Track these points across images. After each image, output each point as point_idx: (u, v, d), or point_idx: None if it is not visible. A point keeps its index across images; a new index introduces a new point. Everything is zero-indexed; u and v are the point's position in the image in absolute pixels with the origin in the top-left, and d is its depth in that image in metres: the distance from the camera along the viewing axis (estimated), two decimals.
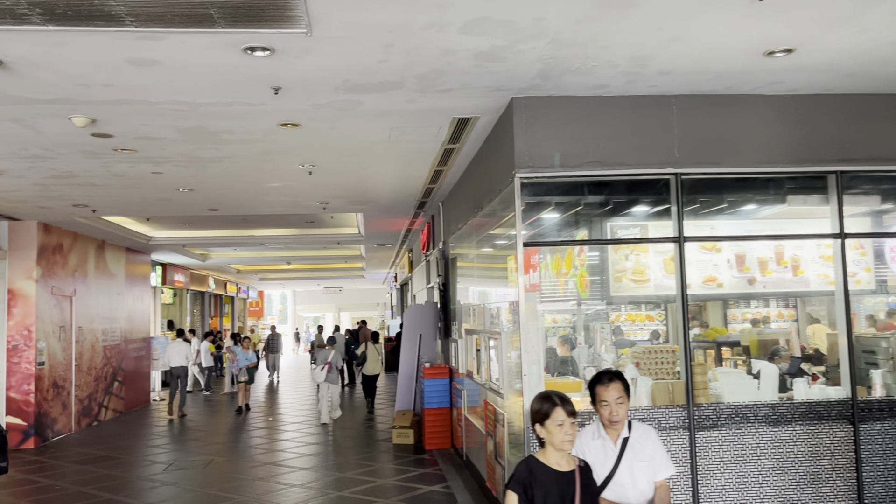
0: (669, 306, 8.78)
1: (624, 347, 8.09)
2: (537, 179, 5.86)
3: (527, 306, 5.73)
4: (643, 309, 9.06)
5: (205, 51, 4.67)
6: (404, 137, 7.06)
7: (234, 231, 16.08)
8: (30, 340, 11.74)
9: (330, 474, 9.09)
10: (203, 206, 10.95)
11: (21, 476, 9.52)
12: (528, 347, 5.70)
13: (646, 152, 5.88)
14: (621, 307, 8.57)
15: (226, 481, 8.85)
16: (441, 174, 9.00)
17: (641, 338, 8.97)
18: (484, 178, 7.37)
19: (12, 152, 7.25)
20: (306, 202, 10.97)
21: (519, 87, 5.65)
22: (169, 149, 7.28)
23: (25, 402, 11.63)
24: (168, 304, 23.24)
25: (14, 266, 11.81)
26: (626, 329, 8.86)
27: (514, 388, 6.36)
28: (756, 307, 10.26)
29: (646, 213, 6.57)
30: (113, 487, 8.68)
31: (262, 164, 8.16)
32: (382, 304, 47.15)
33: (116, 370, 15.45)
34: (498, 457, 6.69)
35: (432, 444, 10.51)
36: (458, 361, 9.52)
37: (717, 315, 10.05)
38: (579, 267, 6.93)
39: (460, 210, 9.40)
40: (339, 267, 26.82)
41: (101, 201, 10.24)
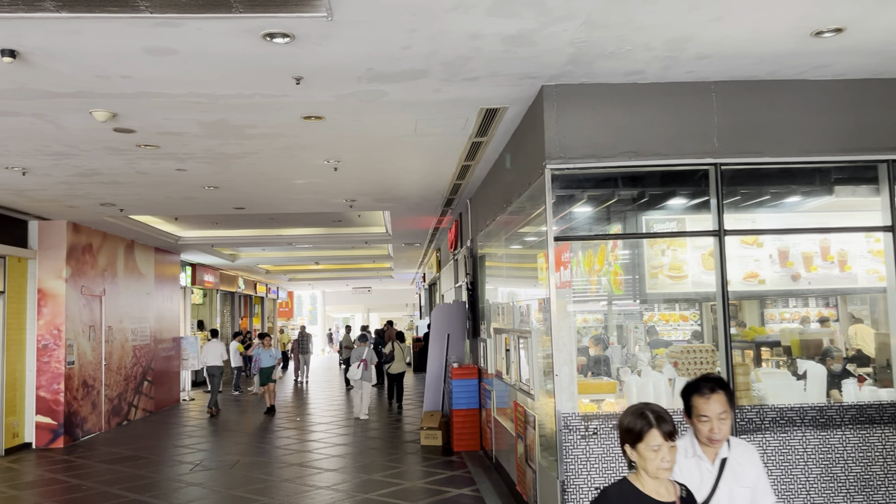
0: (704, 305, 8.47)
1: (659, 347, 7.80)
2: (569, 171, 5.61)
3: (558, 304, 5.49)
4: (677, 308, 8.75)
5: (223, 38, 4.51)
6: (431, 130, 6.86)
7: (262, 230, 16.04)
8: (59, 340, 11.77)
9: (357, 476, 8.92)
10: (229, 204, 10.87)
11: (49, 475, 9.51)
12: (560, 347, 5.46)
13: (683, 142, 5.61)
14: (654, 306, 8.28)
15: (252, 483, 8.73)
16: (469, 169, 8.79)
17: (675, 338, 8.66)
18: (513, 171, 7.14)
19: (36, 149, 7.20)
20: (333, 200, 10.83)
21: (549, 75, 5.41)
22: (192, 144, 7.17)
23: (55, 401, 11.67)
24: (198, 305, 23.35)
25: (44, 266, 11.86)
26: (659, 329, 8.56)
27: (545, 389, 6.12)
28: (794, 306, 9.86)
29: (683, 205, 6.28)
30: (139, 488, 8.61)
31: (287, 160, 8.02)
32: (411, 305, 47.07)
33: (146, 370, 15.49)
34: (528, 460, 6.46)
35: (461, 445, 10.30)
36: (486, 361, 9.29)
37: (753, 314, 9.67)
38: (613, 263, 6.67)
39: (488, 207, 9.17)
40: (367, 267, 26.74)
41: (127, 200, 10.21)
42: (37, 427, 11.62)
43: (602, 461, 5.39)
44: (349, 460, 9.92)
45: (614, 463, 5.39)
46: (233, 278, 25.58)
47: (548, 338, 6.07)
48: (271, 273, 27.52)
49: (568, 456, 5.39)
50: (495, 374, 8.41)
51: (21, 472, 9.75)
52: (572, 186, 5.80)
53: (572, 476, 5.37)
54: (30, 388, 11.66)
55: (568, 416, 5.42)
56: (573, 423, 5.42)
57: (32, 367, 11.68)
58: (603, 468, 5.39)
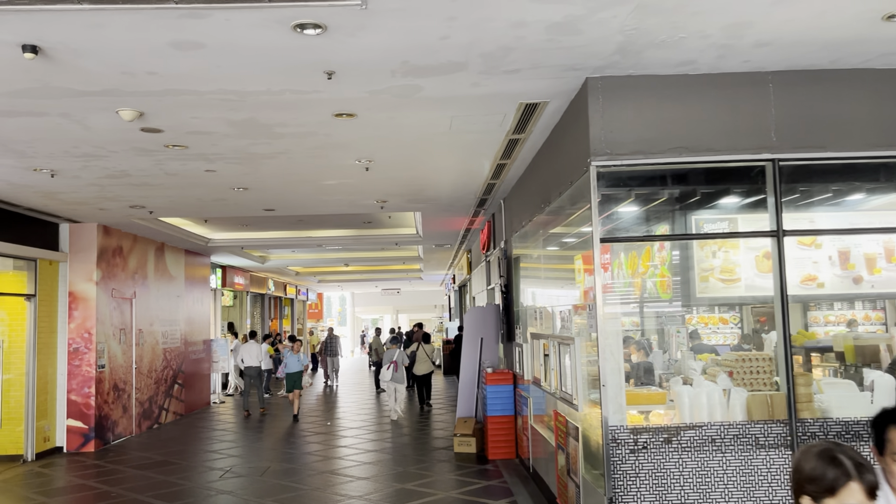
0: (745, 308, 8.07)
1: (702, 353, 7.42)
2: (615, 168, 5.29)
3: (605, 309, 5.17)
4: (717, 311, 8.36)
5: (252, 30, 4.27)
6: (466, 127, 6.58)
7: (292, 232, 15.90)
8: (90, 343, 11.71)
9: (389, 485, 8.67)
10: (259, 206, 10.70)
11: (79, 481, 9.40)
12: (608, 355, 5.14)
13: (738, 136, 5.25)
14: (692, 309, 7.89)
15: (283, 491, 8.52)
16: (504, 168, 8.49)
17: (716, 342, 8.27)
18: (552, 170, 6.83)
19: (64, 150, 7.06)
20: (363, 201, 10.60)
21: (595, 66, 5.09)
22: (221, 144, 6.98)
23: (86, 404, 11.61)
24: (228, 307, 23.35)
25: (75, 268, 11.81)
26: (700, 333, 8.16)
27: (590, 399, 5.80)
28: (840, 309, 9.39)
29: (736, 204, 5.91)
30: (169, 495, 8.44)
31: (317, 160, 7.80)
32: (440, 307, 46.83)
33: (176, 373, 15.43)
34: (571, 473, 6.14)
35: (496, 453, 9.99)
36: (522, 367, 8.98)
37: (796, 317, 9.22)
38: (659, 266, 6.32)
39: (524, 207, 8.87)
40: (396, 269, 26.55)
41: (156, 202, 10.09)
42: (68, 431, 11.56)
43: (652, 478, 5.06)
44: (381, 468, 9.67)
45: (665, 480, 5.06)
46: (262, 280, 25.55)
47: (592, 344, 5.75)
48: (301, 275, 27.47)
49: (616, 471, 5.07)
50: (532, 380, 8.10)
51: (51, 478, 9.67)
52: (618, 185, 5.48)
53: (621, 493, 5.04)
54: (61, 391, 11.62)
55: (616, 428, 5.10)
56: (622, 437, 5.09)
57: (63, 371, 11.64)
58: (653, 485, 5.05)
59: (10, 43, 4.38)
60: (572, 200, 6.23)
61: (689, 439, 5.08)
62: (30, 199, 9.57)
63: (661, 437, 5.09)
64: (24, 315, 11.07)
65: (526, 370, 8.81)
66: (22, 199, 9.56)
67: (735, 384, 5.29)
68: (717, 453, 5.07)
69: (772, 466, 5.06)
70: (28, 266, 11.08)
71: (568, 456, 6.26)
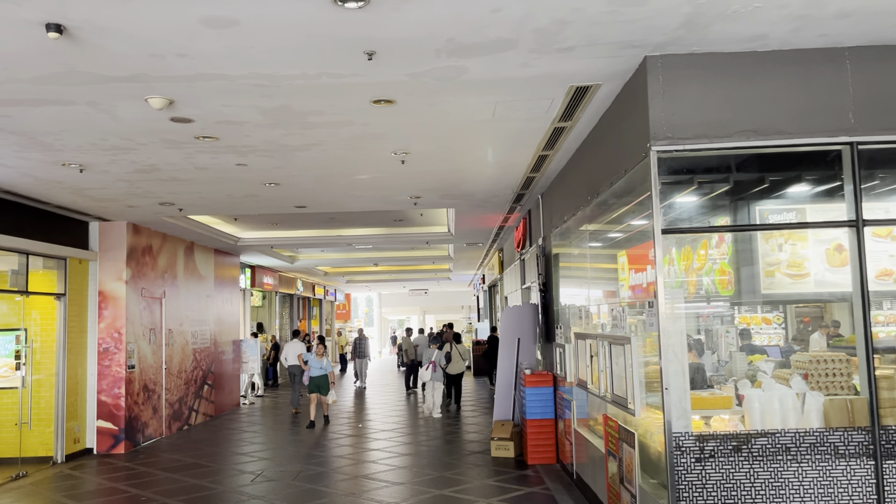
0: (788, 308, 7.60)
1: (753, 354, 6.97)
2: (677, 154, 4.89)
3: (668, 306, 4.77)
4: (759, 311, 7.89)
5: (288, 4, 3.95)
6: (510, 114, 6.21)
7: (322, 231, 15.65)
8: (120, 343, 11.54)
9: (425, 490, 8.32)
10: (290, 202, 10.43)
11: (109, 484, 9.19)
12: (670, 356, 4.74)
13: (812, 118, 4.82)
14: (735, 308, 7.42)
15: (315, 496, 8.22)
16: (545, 160, 8.10)
17: (762, 342, 7.80)
18: (601, 159, 6.44)
19: (92, 143, 6.83)
20: (396, 197, 10.28)
21: (655, 43, 4.70)
22: (252, 135, 6.69)
23: (116, 405, 11.43)
24: (257, 307, 23.22)
25: (104, 267, 11.65)
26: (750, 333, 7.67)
27: (648, 404, 5.41)
28: (889, 308, 8.84)
29: (806, 193, 5.47)
30: (200, 499, 8.19)
31: (352, 153, 7.49)
32: (468, 307, 46.47)
33: (206, 373, 15.25)
34: (625, 481, 5.74)
35: (535, 458, 9.60)
36: (564, 368, 8.58)
37: (844, 317, 8.68)
38: (718, 261, 5.90)
39: (565, 201, 8.47)
40: (425, 269, 26.25)
41: (186, 198, 9.86)
42: (98, 432, 11.40)
43: (721, 489, 4.65)
44: (415, 473, 9.33)
45: (735, 491, 4.64)
46: (291, 280, 25.40)
47: (651, 344, 5.36)
48: (329, 275, 27.29)
49: (681, 481, 4.66)
50: (578, 383, 7.70)
51: (81, 480, 9.47)
52: (679, 172, 5.07)
53: None
54: (91, 392, 11.46)
55: (680, 435, 4.69)
56: (686, 444, 4.69)
57: (93, 371, 11.48)
58: (721, 497, 4.64)
59: (34, 22, 4.11)
60: (625, 191, 5.84)
61: (760, 448, 4.66)
62: (59, 195, 9.39)
63: (730, 444, 4.68)
64: (54, 315, 10.92)
65: (568, 372, 8.41)
66: (51, 195, 9.39)
67: (811, 387, 4.86)
68: (793, 463, 4.65)
69: (852, 478, 4.62)
70: (58, 265, 10.93)
71: (621, 463, 5.86)
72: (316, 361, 13.77)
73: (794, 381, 4.85)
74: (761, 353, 7.07)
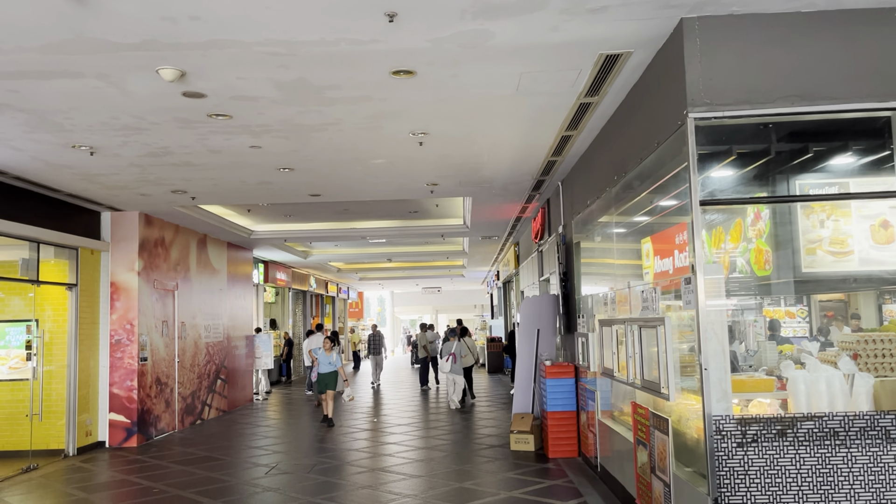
0: (812, 301, 7.29)
1: (782, 345, 6.68)
2: (716, 121, 4.62)
3: (707, 282, 4.50)
4: (783, 304, 7.58)
5: None
6: (535, 88, 5.96)
7: (335, 224, 15.45)
8: (132, 335, 11.37)
9: (445, 483, 8.07)
10: (304, 190, 10.21)
11: (121, 476, 9.01)
12: (710, 335, 4.47)
13: (860, 82, 4.54)
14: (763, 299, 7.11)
15: (332, 489, 7.99)
16: (568, 142, 7.84)
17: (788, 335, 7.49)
18: (630, 135, 6.17)
19: (103, 122, 6.63)
20: (413, 184, 10.04)
21: (693, 3, 4.44)
22: (267, 113, 6.48)
23: (128, 398, 11.26)
24: (270, 303, 23.06)
25: (116, 258, 11.49)
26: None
27: (683, 388, 5.14)
28: None
29: (850, 165, 5.19)
30: (213, 492, 7.98)
31: (369, 133, 7.26)
32: (480, 306, 46.20)
33: (219, 368, 15.08)
34: (657, 470, 5.47)
35: (557, 451, 9.33)
36: (588, 358, 8.31)
37: (869, 307, 8.33)
38: (755, 239, 5.62)
39: (588, 185, 8.21)
40: (439, 265, 26.02)
41: (199, 186, 9.67)
42: (110, 425, 11.23)
43: (765, 476, 4.37)
44: (433, 466, 9.08)
45: (779, 478, 4.37)
46: (304, 277, 25.24)
47: (687, 325, 5.10)
48: (342, 272, 27.11)
49: (721, 468, 4.39)
50: (602, 371, 7.43)
51: (93, 473, 9.30)
52: (717, 142, 4.80)
53: (727, 493, 4.37)
54: (103, 384, 11.30)
55: (721, 419, 4.42)
56: (727, 428, 4.42)
57: (105, 363, 11.32)
58: (765, 484, 4.37)
59: None
60: (654, 168, 5.57)
61: (806, 432, 4.38)
62: (69, 182, 9.22)
63: (774, 428, 4.40)
64: (65, 305, 10.76)
65: (592, 361, 8.14)
66: (61, 182, 9.22)
67: (860, 368, 4.57)
68: (841, 448, 4.36)
69: None
70: (70, 255, 10.77)
71: (653, 452, 5.59)
72: (325, 357, 13.01)
73: (843, 362, 4.56)
74: (790, 344, 6.78)
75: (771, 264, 5.41)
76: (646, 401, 6.19)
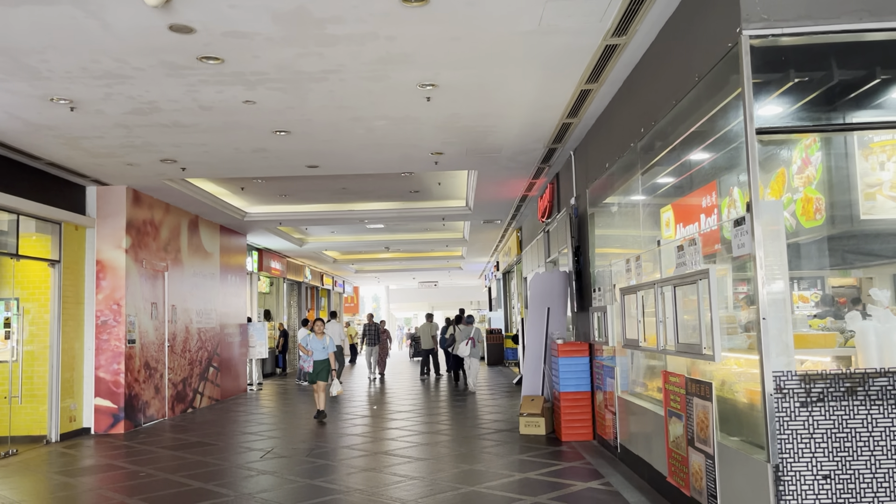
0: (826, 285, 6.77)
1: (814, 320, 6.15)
2: (772, 40, 4.08)
3: (766, 218, 3.96)
4: (797, 288, 7.06)
5: None
6: (560, 22, 5.41)
7: (333, 205, 14.87)
8: (119, 315, 10.78)
9: (455, 466, 7.52)
10: (302, 160, 9.64)
11: (106, 461, 8.43)
12: (770, 278, 3.93)
13: None
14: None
15: (332, 471, 7.43)
16: (586, 98, 7.30)
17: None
18: (664, 77, 5.63)
19: (82, 67, 6.05)
20: (417, 154, 9.49)
21: None
22: (263, 56, 5.91)
23: (115, 382, 10.66)
24: (265, 294, 22.46)
25: (103, 235, 10.90)
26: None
27: (731, 344, 4.61)
28: None
29: None
30: (204, 475, 7.41)
31: (373, 85, 6.70)
32: (477, 302, 45.69)
33: (212, 355, 14.49)
34: (696, 442, 4.93)
35: (570, 434, 8.79)
36: (606, 334, 7.77)
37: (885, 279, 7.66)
38: (801, 188, 5.08)
39: (607, 148, 7.68)
40: (437, 255, 25.47)
41: (189, 153, 9.08)
42: (96, 411, 10.64)
43: (832, 440, 3.83)
44: (439, 449, 8.53)
45: (849, 442, 3.83)
46: (299, 268, 24.65)
47: (737, 273, 4.58)
48: (338, 262, 26.53)
49: (783, 430, 3.85)
50: (624, 344, 6.89)
51: (76, 458, 8.71)
52: (772, 68, 4.26)
53: (790, 459, 3.83)
54: (88, 367, 10.70)
55: (782, 375, 3.88)
56: (790, 386, 3.88)
57: (91, 345, 10.72)
58: (833, 449, 3.83)
59: None
60: (694, 107, 5.04)
61: (880, 389, 3.85)
62: (50, 147, 8.63)
63: (843, 386, 3.86)
64: (48, 283, 10.17)
65: (611, 336, 7.60)
66: (42, 147, 8.63)
67: None
68: None
69: None
70: (52, 230, 10.18)
71: (690, 422, 5.05)
72: (317, 342, 11.63)
73: None
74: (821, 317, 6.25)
75: (823, 213, 4.87)
76: (680, 367, 5.66)
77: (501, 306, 26.64)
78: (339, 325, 18.08)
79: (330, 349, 11.72)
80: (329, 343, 11.73)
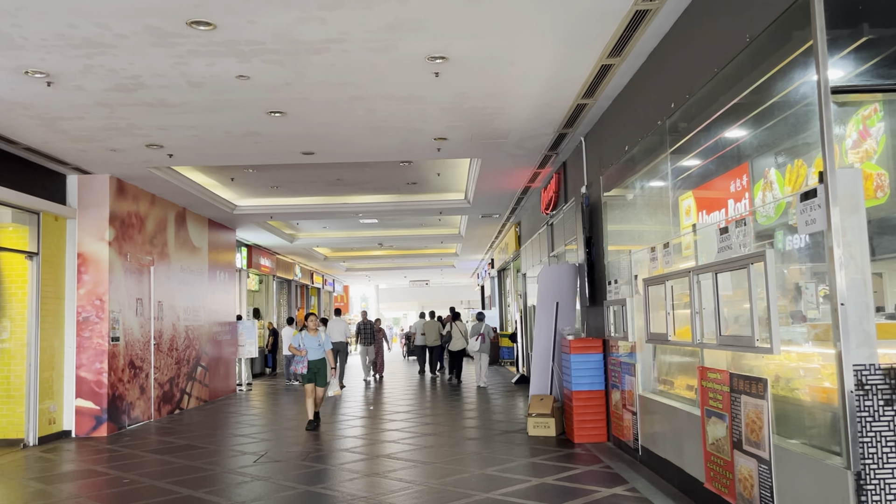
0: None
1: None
2: None
3: (845, 190, 3.47)
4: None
5: None
6: None
7: (326, 198, 14.31)
8: (102, 312, 10.17)
9: (464, 469, 6.99)
10: (297, 145, 9.08)
11: (87, 466, 7.83)
12: (847, 259, 3.44)
13: None
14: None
15: (329, 477, 6.88)
16: (606, 74, 6.80)
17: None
18: (702, 42, 5.13)
19: (59, 34, 5.48)
20: (419, 139, 8.95)
21: None
22: (260, 21, 5.36)
23: (97, 382, 10.05)
24: (254, 292, 21.84)
25: (84, 226, 10.29)
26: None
27: (792, 336, 4.11)
28: None
29: None
30: (193, 482, 6.84)
31: (378, 58, 6.16)
32: (468, 302, 45.18)
33: (200, 354, 13.88)
34: (745, 444, 4.43)
35: (583, 436, 8.29)
36: (622, 328, 7.27)
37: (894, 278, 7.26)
38: (858, 164, 4.59)
39: (626, 130, 7.19)
40: (431, 252, 24.94)
41: (177, 137, 8.50)
42: (77, 412, 10.02)
43: None
44: (445, 452, 8.00)
45: None
46: (289, 265, 24.04)
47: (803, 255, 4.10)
48: (329, 260, 25.93)
49: (865, 433, 3.35)
50: (648, 339, 6.38)
51: (54, 463, 8.10)
52: (841, 24, 3.76)
53: (873, 465, 3.33)
54: (69, 366, 10.09)
55: (864, 369, 3.39)
56: (873, 381, 3.38)
57: (72, 343, 10.11)
58: None
59: None
60: (742, 73, 4.54)
61: None
62: (27, 130, 8.03)
63: None
64: (25, 277, 9.55)
65: (630, 331, 7.10)
66: (18, 130, 8.02)
67: None
68: None
69: None
70: (30, 220, 9.57)
71: (737, 423, 4.54)
72: (311, 340, 10.33)
73: None
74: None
75: (885, 190, 4.39)
76: (720, 362, 5.16)
77: (496, 305, 26.14)
78: (344, 321, 17.64)
79: (326, 346, 10.41)
80: (325, 340, 10.44)
